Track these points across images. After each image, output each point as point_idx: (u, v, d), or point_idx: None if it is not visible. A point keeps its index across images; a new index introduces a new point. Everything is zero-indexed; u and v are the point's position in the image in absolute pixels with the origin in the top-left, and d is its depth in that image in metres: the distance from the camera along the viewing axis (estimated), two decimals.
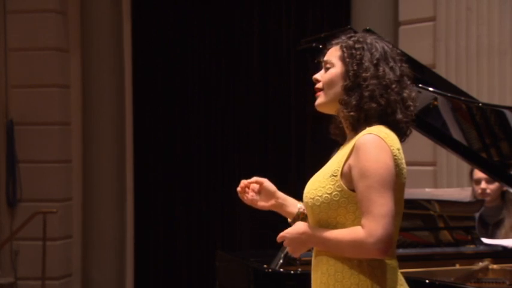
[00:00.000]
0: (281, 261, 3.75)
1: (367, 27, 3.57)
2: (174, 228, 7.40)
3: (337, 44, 2.44)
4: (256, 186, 2.57)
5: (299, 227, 2.38)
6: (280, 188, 2.58)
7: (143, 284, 7.53)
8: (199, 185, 7.34)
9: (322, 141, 2.80)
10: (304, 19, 6.92)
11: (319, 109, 2.45)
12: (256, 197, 2.56)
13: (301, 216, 2.52)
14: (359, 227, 2.24)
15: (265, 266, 3.78)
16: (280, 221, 2.69)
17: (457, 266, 3.84)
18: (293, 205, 2.57)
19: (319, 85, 2.43)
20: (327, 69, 2.43)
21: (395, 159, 2.28)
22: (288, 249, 2.47)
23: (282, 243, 2.44)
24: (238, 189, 2.57)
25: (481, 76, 5.55)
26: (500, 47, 5.51)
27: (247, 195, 2.57)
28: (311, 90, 2.45)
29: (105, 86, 7.25)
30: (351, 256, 2.29)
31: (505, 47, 5.50)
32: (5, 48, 7.21)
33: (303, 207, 2.50)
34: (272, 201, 2.57)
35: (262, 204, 2.58)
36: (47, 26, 7.19)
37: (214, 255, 4.53)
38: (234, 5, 7.21)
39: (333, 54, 2.42)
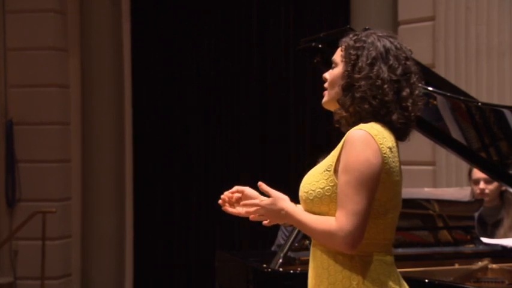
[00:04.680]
0: (280, 260, 3.75)
1: (366, 27, 3.57)
2: (173, 228, 7.40)
3: (342, 43, 2.46)
4: (238, 195, 2.54)
5: (281, 202, 2.39)
6: (280, 188, 2.57)
7: (142, 284, 7.53)
8: (199, 185, 7.34)
9: (321, 141, 2.80)
10: (304, 19, 6.92)
11: (325, 107, 2.48)
12: (237, 209, 2.52)
13: None
14: (333, 218, 2.28)
15: (264, 265, 3.78)
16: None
17: (456, 266, 3.85)
18: None
19: (326, 84, 2.47)
20: (333, 68, 2.46)
21: (384, 157, 2.28)
22: (257, 217, 2.45)
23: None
24: (219, 201, 2.55)
25: (480, 76, 5.55)
26: (499, 47, 5.51)
27: (227, 207, 2.54)
28: (310, 90, 2.47)
29: (104, 85, 7.25)
30: (321, 243, 2.33)
31: (504, 47, 5.50)
32: (4, 48, 7.20)
33: None
34: None
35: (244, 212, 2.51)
36: (46, 25, 7.18)
37: (214, 255, 4.53)
38: (234, 5, 7.21)
39: (338, 54, 2.46)
